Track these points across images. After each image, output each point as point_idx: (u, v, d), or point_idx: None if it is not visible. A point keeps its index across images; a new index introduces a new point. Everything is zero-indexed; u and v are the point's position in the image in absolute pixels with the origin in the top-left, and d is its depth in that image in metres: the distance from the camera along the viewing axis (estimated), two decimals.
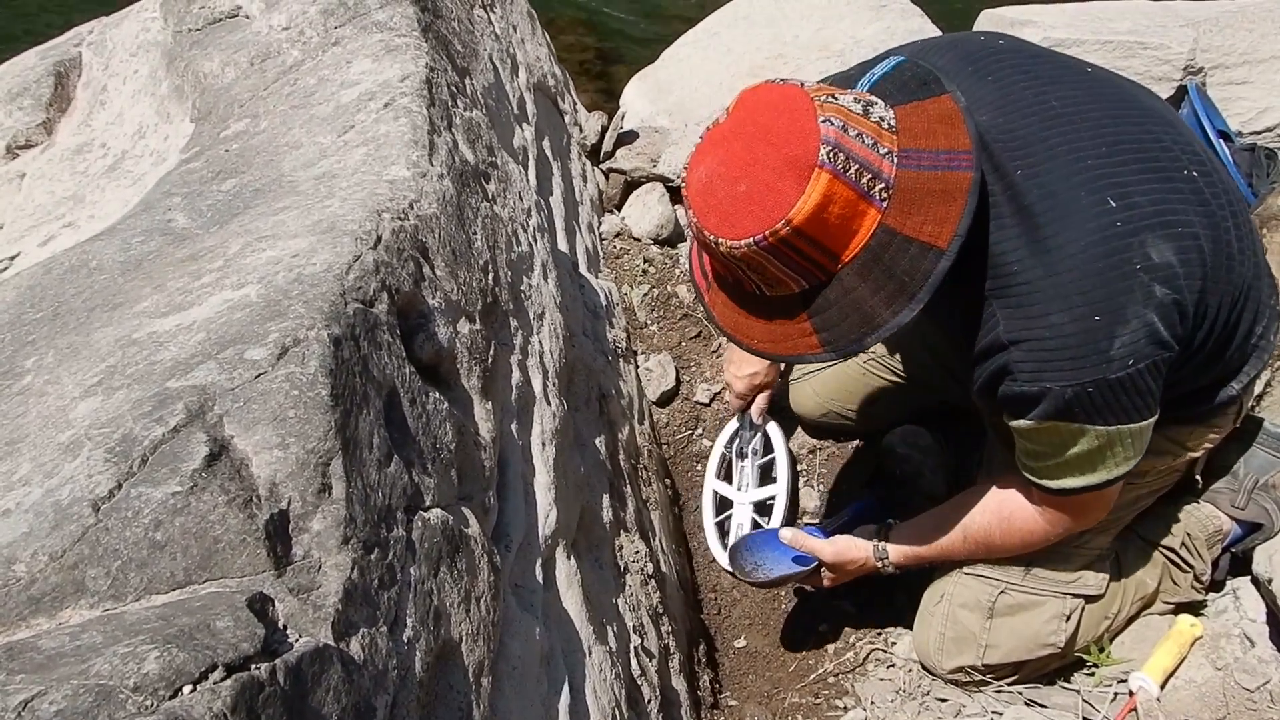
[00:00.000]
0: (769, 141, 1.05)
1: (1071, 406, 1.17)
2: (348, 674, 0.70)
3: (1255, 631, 1.56)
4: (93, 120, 1.75)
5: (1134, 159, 1.17)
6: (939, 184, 1.06)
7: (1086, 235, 1.12)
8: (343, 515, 0.77)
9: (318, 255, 0.97)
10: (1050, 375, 1.15)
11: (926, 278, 1.07)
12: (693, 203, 1.11)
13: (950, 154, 1.08)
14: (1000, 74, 1.23)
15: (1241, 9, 2.57)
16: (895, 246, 1.07)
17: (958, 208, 1.06)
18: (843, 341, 1.12)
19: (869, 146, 1.05)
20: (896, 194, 1.06)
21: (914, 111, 1.11)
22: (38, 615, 0.66)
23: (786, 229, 1.04)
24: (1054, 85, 1.23)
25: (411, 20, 1.53)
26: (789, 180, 1.03)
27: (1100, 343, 1.12)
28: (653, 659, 1.55)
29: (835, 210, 1.04)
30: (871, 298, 1.09)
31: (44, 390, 0.90)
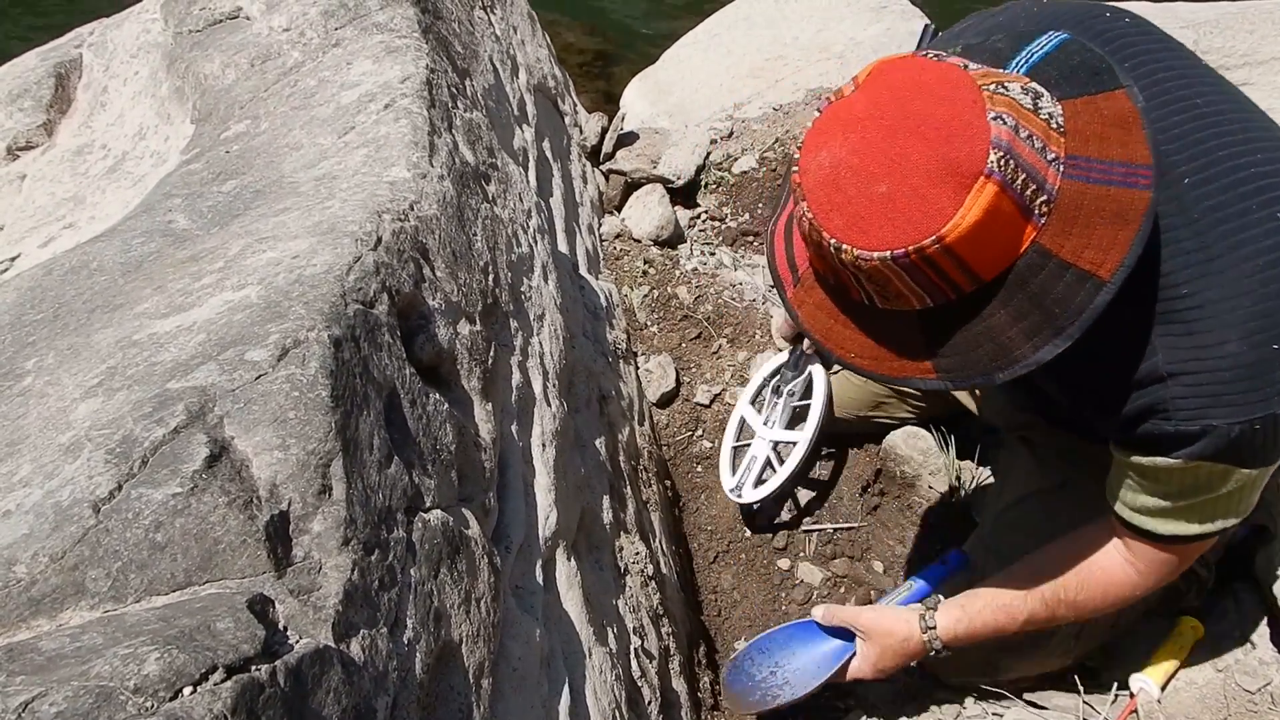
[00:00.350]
0: (923, 136, 0.87)
1: (1233, 447, 1.00)
2: (348, 675, 0.70)
3: (1256, 633, 1.55)
4: (93, 122, 1.75)
5: None
6: (1110, 203, 0.89)
7: (1264, 253, 0.97)
8: (343, 516, 0.77)
9: (318, 256, 0.97)
10: (1218, 412, 0.99)
11: (1080, 312, 0.90)
12: (811, 195, 0.92)
13: (1127, 167, 0.90)
14: (1139, 61, 1.06)
15: (1242, 10, 2.58)
16: (1048, 271, 0.90)
17: (1129, 233, 0.89)
18: (967, 373, 0.95)
19: (1038, 151, 0.88)
20: (1058, 209, 0.89)
21: (1085, 110, 0.93)
22: (38, 617, 0.66)
23: (936, 247, 0.86)
24: (1191, 80, 1.07)
25: (412, 21, 1.53)
26: (947, 188, 0.85)
27: (1276, 373, 0.97)
28: (653, 660, 1.55)
29: (995, 228, 0.87)
30: (1010, 327, 0.92)
31: (44, 391, 0.90)
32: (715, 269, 2.48)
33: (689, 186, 2.65)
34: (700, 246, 2.59)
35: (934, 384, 0.97)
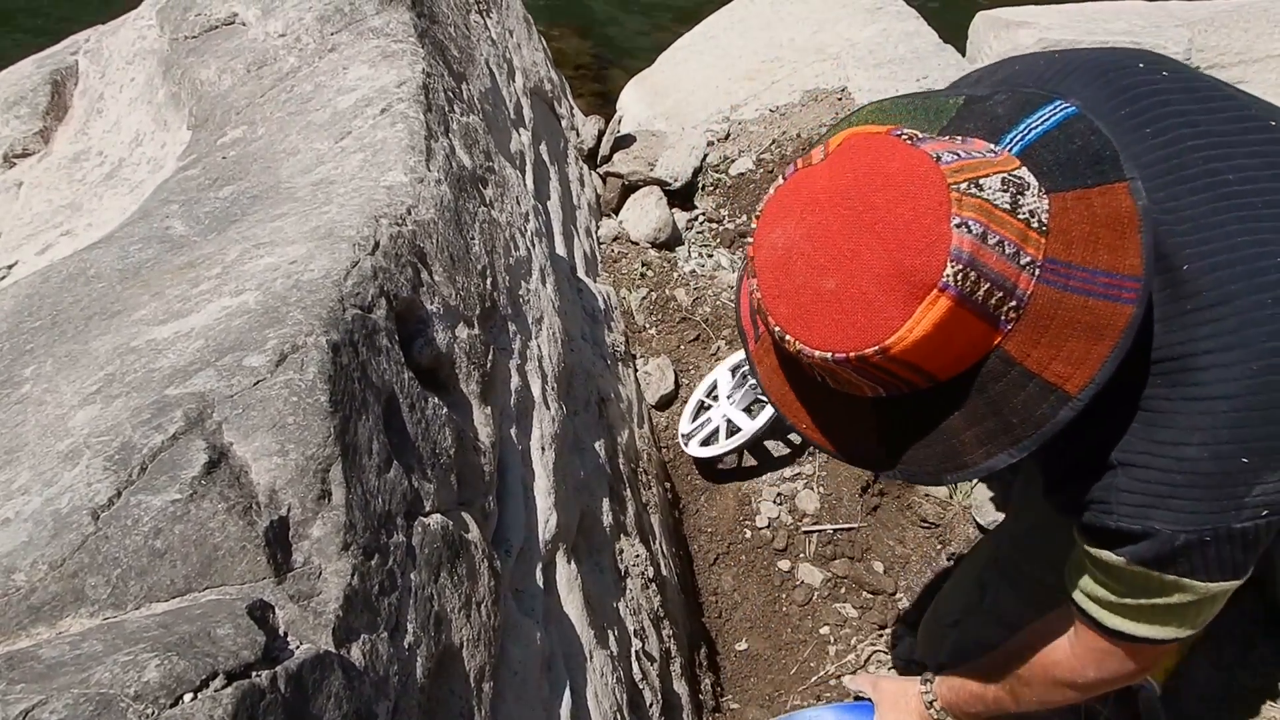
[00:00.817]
0: (879, 235, 0.80)
1: (1178, 556, 0.94)
2: (348, 680, 0.70)
3: (1256, 632, 1.56)
4: (90, 128, 1.75)
5: None
6: (1087, 315, 0.82)
7: (1261, 356, 0.87)
8: (342, 521, 0.77)
9: (316, 261, 0.97)
10: (1162, 515, 0.92)
11: (1040, 425, 0.83)
12: (761, 275, 0.86)
13: (1111, 277, 0.82)
14: (1165, 125, 0.95)
15: (1237, 8, 2.58)
16: (1010, 380, 0.83)
17: (1104, 349, 0.82)
18: (915, 470, 0.90)
19: (1008, 258, 0.80)
20: (1028, 314, 0.81)
21: (1076, 206, 0.84)
22: (38, 624, 0.66)
23: (879, 357, 0.80)
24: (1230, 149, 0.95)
25: (408, 26, 1.53)
26: (895, 297, 0.79)
27: (1238, 488, 0.89)
28: (654, 663, 1.54)
29: (950, 339, 0.81)
30: (964, 430, 0.87)
31: (43, 399, 0.89)
32: (713, 271, 2.48)
33: (686, 188, 2.65)
34: (698, 248, 2.59)
35: (887, 472, 0.92)
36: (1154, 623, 1.01)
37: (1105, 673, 1.11)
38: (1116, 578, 1.00)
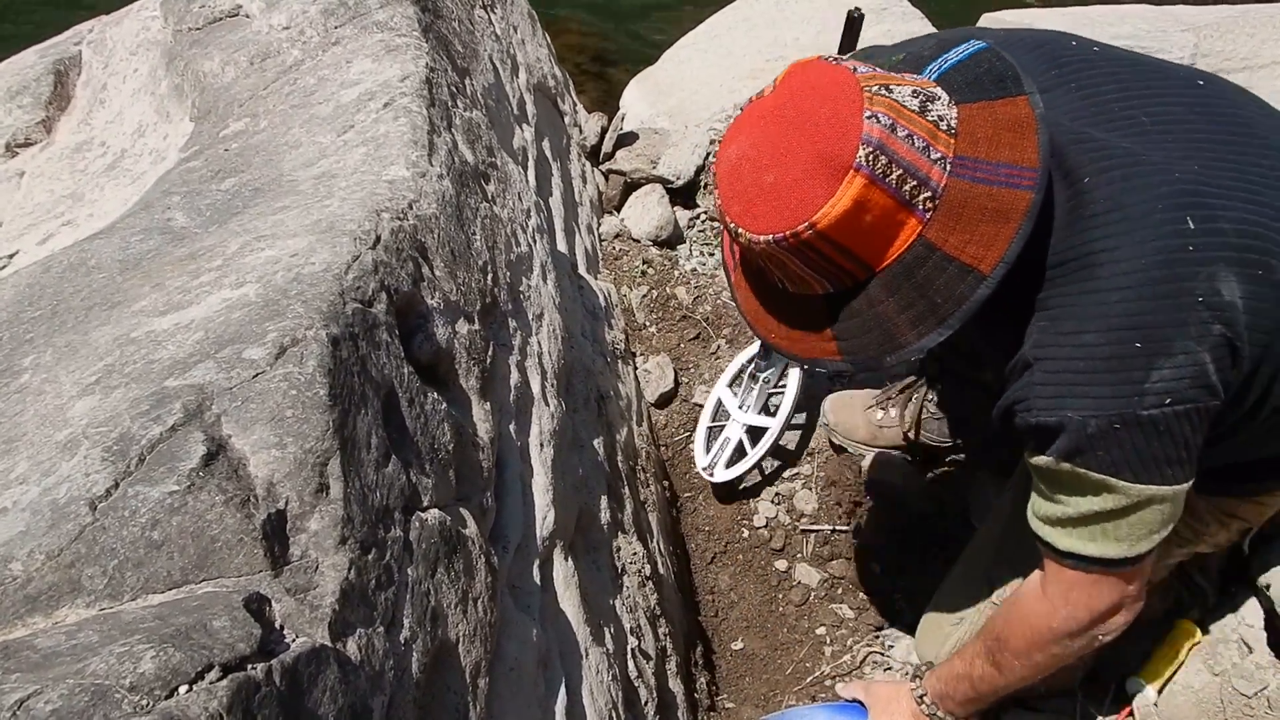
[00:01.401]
0: (805, 131, 0.95)
1: (1094, 445, 1.01)
2: (344, 675, 0.70)
3: (1253, 637, 1.55)
4: (92, 119, 1.75)
5: (1233, 183, 1.02)
6: (992, 201, 0.95)
7: (1149, 254, 0.98)
8: (340, 515, 0.77)
9: (317, 255, 0.97)
10: (1072, 403, 1.01)
11: (961, 303, 0.96)
12: (719, 184, 1.02)
13: (1012, 169, 0.95)
14: (1090, 82, 1.10)
15: (1242, 13, 2.58)
16: (932, 263, 0.96)
17: (1009, 230, 0.94)
18: (860, 354, 1.03)
19: (918, 150, 0.94)
20: (943, 205, 0.95)
21: (981, 114, 0.98)
22: (34, 614, 0.66)
23: (810, 232, 0.94)
24: (1150, 98, 1.08)
25: (412, 20, 1.53)
26: (819, 180, 0.93)
27: (1135, 372, 0.98)
28: (650, 661, 1.54)
29: (868, 218, 0.94)
30: (898, 315, 0.99)
31: (42, 389, 0.89)
32: (714, 269, 2.48)
33: (688, 187, 2.65)
34: (699, 247, 2.59)
35: (839, 365, 1.05)
36: (1099, 539, 1.08)
37: (1075, 610, 1.14)
38: (1053, 484, 1.09)
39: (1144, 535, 1.07)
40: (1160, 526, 1.07)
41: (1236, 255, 0.99)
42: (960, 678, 1.31)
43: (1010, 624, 1.23)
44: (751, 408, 2.05)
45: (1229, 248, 0.99)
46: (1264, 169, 1.05)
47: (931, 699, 1.35)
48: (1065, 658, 1.20)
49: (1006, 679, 1.25)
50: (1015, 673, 1.24)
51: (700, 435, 2.10)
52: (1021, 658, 1.22)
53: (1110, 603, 1.14)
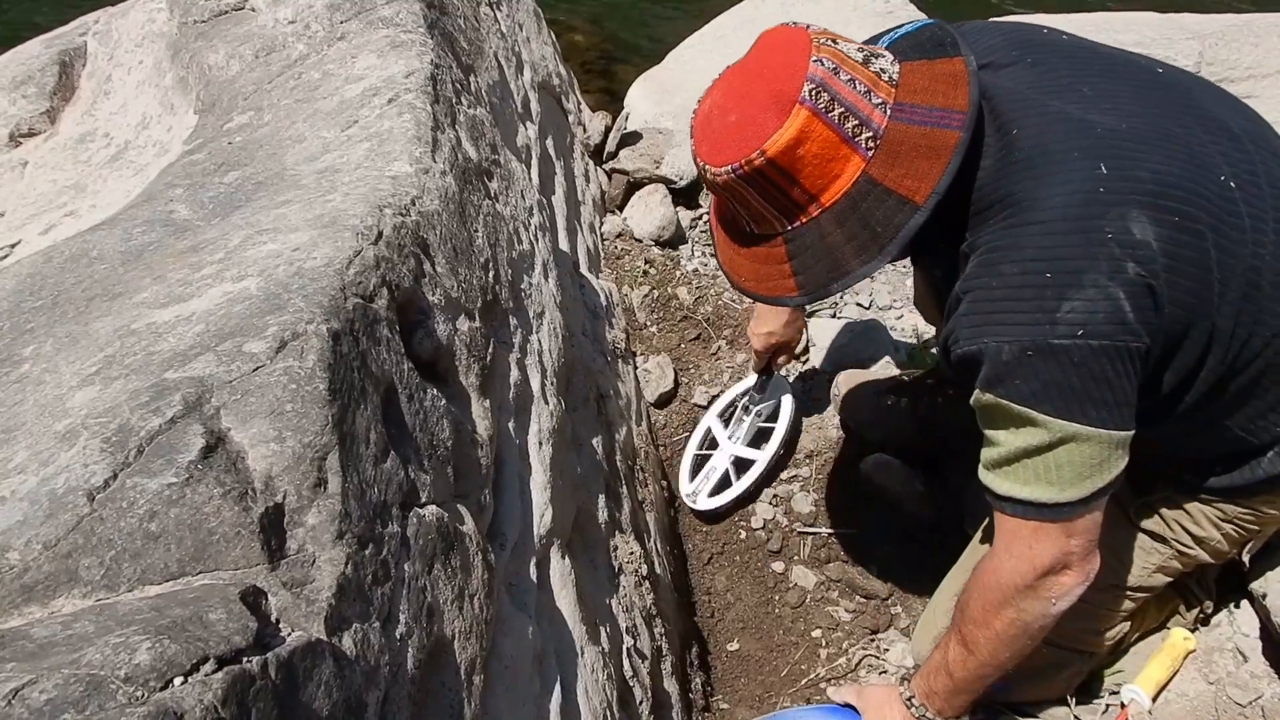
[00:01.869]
0: (762, 76, 1.09)
1: (1011, 374, 1.07)
2: (339, 669, 0.70)
3: (1248, 646, 1.56)
4: (96, 110, 1.75)
5: (1155, 143, 1.09)
6: (925, 140, 1.06)
7: (1063, 194, 1.06)
8: (338, 510, 0.77)
9: (318, 249, 0.97)
10: (990, 331, 1.08)
11: (898, 230, 1.07)
12: (693, 133, 1.15)
13: (944, 111, 1.07)
14: (1045, 60, 1.20)
15: (1247, 22, 2.58)
16: (874, 197, 1.08)
17: (940, 165, 1.06)
18: (812, 285, 1.14)
19: (860, 94, 1.06)
20: (884, 145, 1.07)
21: (920, 69, 1.11)
22: (30, 604, 0.66)
23: (761, 159, 1.06)
24: (1099, 77, 1.17)
25: (417, 16, 1.53)
26: (771, 113, 1.06)
27: (1047, 302, 1.05)
28: (645, 660, 1.54)
29: (812, 149, 1.06)
30: (844, 245, 1.10)
31: (41, 379, 0.89)
32: (716, 270, 2.48)
33: (691, 187, 2.64)
34: (701, 248, 2.58)
35: (795, 299, 1.17)
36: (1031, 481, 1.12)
37: (1018, 562, 1.16)
38: (986, 421, 1.15)
39: (1073, 479, 1.10)
40: (1090, 472, 1.10)
41: (1150, 200, 1.05)
42: (938, 668, 1.31)
43: (967, 591, 1.25)
44: (741, 439, 2.04)
45: (1142, 193, 1.05)
46: (1202, 141, 1.12)
47: (919, 699, 1.35)
48: (1025, 627, 1.20)
49: (977, 658, 1.25)
50: (981, 649, 1.24)
51: (686, 462, 2.10)
52: (982, 626, 1.23)
53: (1052, 555, 1.15)
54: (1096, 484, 1.11)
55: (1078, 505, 1.12)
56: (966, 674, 1.28)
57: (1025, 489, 1.13)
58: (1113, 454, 1.10)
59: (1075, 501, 1.11)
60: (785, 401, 2.06)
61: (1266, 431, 1.21)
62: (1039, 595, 1.17)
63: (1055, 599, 1.18)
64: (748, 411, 2.04)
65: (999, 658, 1.24)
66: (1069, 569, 1.16)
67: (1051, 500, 1.12)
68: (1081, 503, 1.12)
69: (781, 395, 2.06)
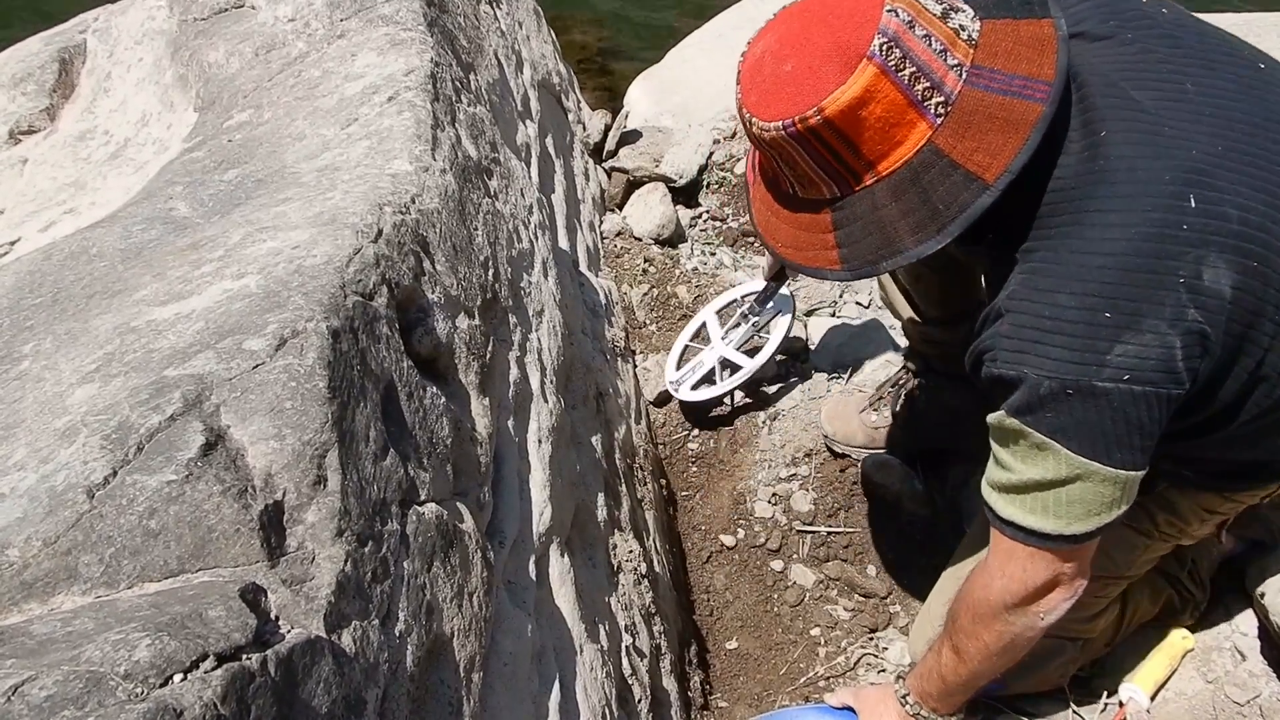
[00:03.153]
0: (827, 23, 0.96)
1: (1044, 406, 1.00)
2: (339, 666, 0.70)
3: (1247, 645, 1.56)
4: (96, 107, 1.75)
5: (1250, 169, 0.99)
6: (1004, 110, 0.95)
7: (1142, 224, 0.96)
8: (337, 508, 0.77)
9: (318, 247, 0.97)
10: (1033, 360, 1.00)
11: (963, 210, 0.96)
12: (741, 79, 1.03)
13: (1026, 80, 0.95)
14: (1145, 39, 1.07)
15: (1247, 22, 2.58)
16: (938, 170, 0.96)
17: (1017, 141, 0.94)
18: (859, 261, 1.03)
19: (935, 53, 0.94)
20: (955, 112, 0.95)
21: (1004, 29, 0.98)
22: (30, 600, 0.66)
23: (817, 118, 0.94)
24: (1202, 69, 1.05)
25: (417, 14, 1.53)
26: (833, 66, 0.94)
27: (1100, 342, 0.97)
28: (644, 658, 1.55)
29: (876, 110, 0.94)
30: (900, 220, 0.99)
31: (41, 376, 0.89)
32: (715, 269, 2.48)
33: (691, 186, 2.65)
34: (701, 246, 2.59)
35: (838, 274, 1.05)
36: (1038, 512, 1.06)
37: (1009, 582, 1.13)
38: (1002, 442, 1.08)
39: (1082, 515, 1.05)
40: (1100, 510, 1.05)
41: (1233, 243, 0.97)
42: (931, 670, 1.31)
43: (959, 600, 1.23)
44: (733, 342, 2.08)
45: (1226, 234, 0.97)
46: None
47: (914, 698, 1.35)
48: (1013, 640, 1.19)
49: (967, 665, 1.24)
50: (971, 657, 1.23)
51: (676, 349, 2.14)
52: (971, 638, 1.21)
53: (1043, 579, 1.12)
54: (1103, 520, 1.07)
55: (1081, 539, 1.08)
56: (958, 679, 1.27)
57: (1031, 518, 1.08)
58: (1125, 493, 1.06)
59: (1079, 535, 1.07)
60: (782, 319, 2.08)
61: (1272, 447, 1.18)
62: (1027, 612, 1.15)
63: (1043, 614, 1.16)
64: (745, 318, 2.08)
65: (989, 665, 1.24)
66: (1059, 587, 1.14)
67: (1055, 533, 1.07)
68: (1086, 536, 1.08)
69: (781, 310, 2.09)
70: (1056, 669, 1.52)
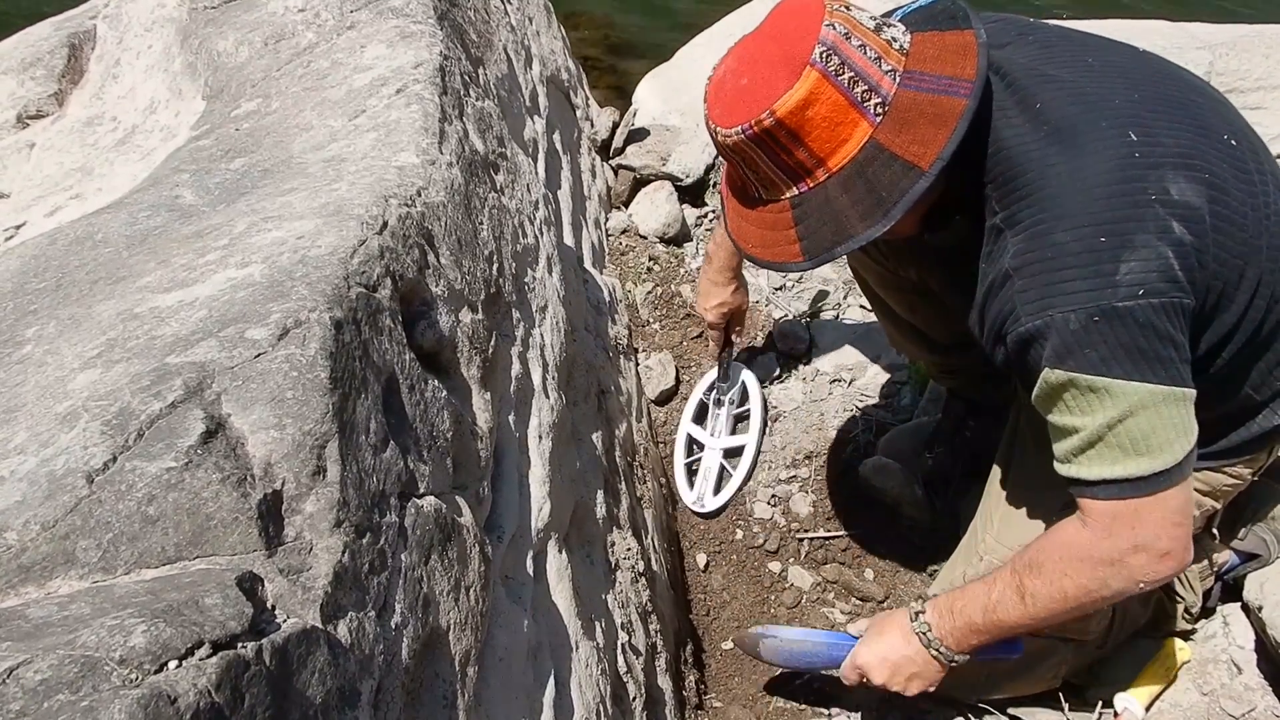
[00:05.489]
0: (776, 40, 1.11)
1: (1080, 344, 1.08)
2: (334, 657, 0.70)
3: (1243, 659, 1.56)
4: (104, 93, 1.75)
5: (1166, 111, 1.15)
6: (933, 107, 1.09)
7: (1102, 161, 1.10)
8: (336, 498, 0.77)
9: (323, 238, 0.97)
10: (1055, 302, 1.09)
11: (903, 195, 1.09)
12: (707, 97, 1.17)
13: (952, 80, 1.09)
14: (1045, 40, 1.25)
15: (1258, 33, 2.57)
16: (880, 162, 1.10)
17: (946, 132, 1.08)
18: (816, 249, 1.15)
19: (870, 60, 1.09)
20: (892, 111, 1.09)
21: (931, 39, 1.14)
22: (27, 584, 0.66)
23: (770, 119, 1.08)
24: (1100, 52, 1.23)
25: (428, 7, 1.53)
26: (782, 75, 1.08)
27: (1105, 265, 1.07)
28: (639, 657, 1.55)
29: (821, 111, 1.08)
30: (850, 209, 1.12)
31: (43, 360, 0.90)
32: None
33: (697, 185, 2.64)
34: (706, 246, 2.58)
35: (800, 265, 1.18)
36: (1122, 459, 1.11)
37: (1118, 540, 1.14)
38: (1057, 407, 1.14)
39: (1162, 445, 1.09)
40: (1176, 434, 1.10)
41: (1181, 162, 1.10)
42: (973, 600, 1.28)
43: (1046, 549, 1.22)
44: (723, 431, 2.08)
45: (1171, 155, 1.10)
46: (1197, 103, 1.19)
47: (928, 618, 1.33)
48: (1096, 599, 1.20)
49: (1028, 610, 1.23)
50: (1038, 603, 1.22)
51: (680, 474, 2.11)
52: (1048, 584, 1.20)
53: (1154, 531, 1.13)
54: (1184, 446, 1.11)
55: (1174, 471, 1.11)
56: (1004, 619, 1.26)
57: (1117, 467, 1.12)
58: (1188, 412, 1.11)
59: (1171, 468, 1.10)
60: (748, 379, 2.12)
61: (1269, 387, 1.26)
62: (1128, 572, 1.16)
63: (1142, 581, 1.17)
64: (719, 405, 2.09)
65: (1051, 612, 1.23)
66: (1170, 556, 1.15)
67: (1147, 472, 1.11)
68: (1177, 468, 1.11)
69: (741, 375, 2.13)
70: (1048, 669, 1.53)
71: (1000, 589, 1.25)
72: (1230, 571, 1.62)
